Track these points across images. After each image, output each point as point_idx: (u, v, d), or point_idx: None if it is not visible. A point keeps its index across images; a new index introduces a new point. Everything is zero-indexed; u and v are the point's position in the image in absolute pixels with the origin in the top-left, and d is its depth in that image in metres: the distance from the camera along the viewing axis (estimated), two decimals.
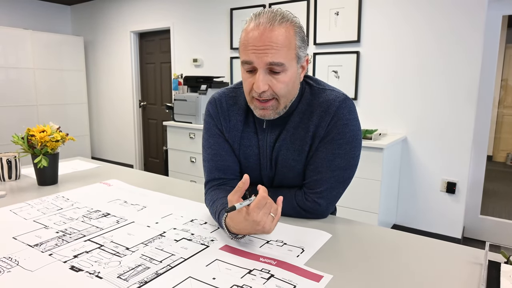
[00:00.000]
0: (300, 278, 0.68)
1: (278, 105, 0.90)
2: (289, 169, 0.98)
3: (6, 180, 1.35)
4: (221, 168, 1.01)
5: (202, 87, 3.35)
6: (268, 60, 0.82)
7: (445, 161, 2.71)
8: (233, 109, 1.01)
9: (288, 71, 0.85)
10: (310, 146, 0.95)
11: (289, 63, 0.85)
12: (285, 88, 0.87)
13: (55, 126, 1.30)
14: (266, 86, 0.85)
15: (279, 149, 0.97)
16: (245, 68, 0.88)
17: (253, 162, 1.01)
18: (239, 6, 3.65)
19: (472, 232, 2.88)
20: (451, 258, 0.77)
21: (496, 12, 2.62)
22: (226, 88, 1.06)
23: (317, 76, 3.20)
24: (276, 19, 0.82)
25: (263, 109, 0.90)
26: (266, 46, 0.81)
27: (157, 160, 4.95)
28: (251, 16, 0.86)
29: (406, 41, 2.78)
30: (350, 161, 0.94)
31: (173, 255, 0.77)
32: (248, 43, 0.84)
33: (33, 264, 0.73)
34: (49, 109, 4.89)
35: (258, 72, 0.84)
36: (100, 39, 5.19)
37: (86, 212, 1.03)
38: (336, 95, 0.93)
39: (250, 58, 0.84)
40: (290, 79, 0.87)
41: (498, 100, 3.32)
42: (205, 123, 1.05)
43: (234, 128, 1.01)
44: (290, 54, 0.84)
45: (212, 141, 1.02)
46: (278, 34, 0.82)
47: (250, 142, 1.00)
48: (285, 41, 0.83)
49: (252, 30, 0.83)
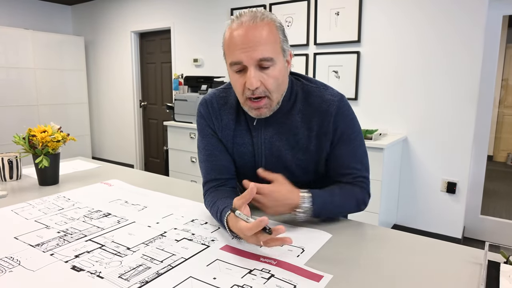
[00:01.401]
0: (300, 278, 0.69)
1: (271, 102, 0.91)
2: (295, 167, 1.00)
3: (7, 180, 1.35)
4: (217, 168, 1.02)
5: (203, 87, 3.36)
6: (258, 56, 0.84)
7: (446, 161, 2.71)
8: (224, 109, 1.02)
9: (276, 65, 0.87)
10: (316, 146, 0.97)
11: (276, 57, 0.87)
12: (276, 83, 0.88)
13: (56, 126, 1.30)
14: (259, 82, 0.86)
15: (281, 148, 0.98)
16: (234, 70, 0.88)
17: (247, 160, 1.03)
18: (239, 6, 3.65)
19: (473, 232, 2.88)
20: (450, 258, 0.78)
21: (496, 12, 2.62)
22: (216, 89, 1.07)
23: (317, 76, 3.20)
24: (257, 16, 0.85)
25: (258, 109, 0.91)
26: (254, 43, 0.83)
27: (157, 160, 4.96)
28: (232, 17, 0.88)
29: (406, 41, 2.78)
30: (364, 145, 1.02)
31: (173, 255, 0.78)
32: (235, 43, 0.85)
33: (35, 264, 0.73)
34: (49, 109, 4.90)
35: (249, 70, 0.85)
36: (101, 39, 5.20)
37: (87, 212, 1.03)
38: (332, 94, 0.97)
39: (239, 57, 0.85)
40: (279, 73, 0.88)
41: (498, 100, 3.32)
42: (198, 125, 1.06)
43: (226, 127, 1.02)
44: (276, 48, 0.86)
45: (205, 142, 1.03)
46: (262, 30, 0.84)
47: (243, 140, 1.01)
48: (270, 36, 0.85)
49: (236, 30, 0.85)
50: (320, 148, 0.97)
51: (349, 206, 0.97)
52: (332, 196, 0.93)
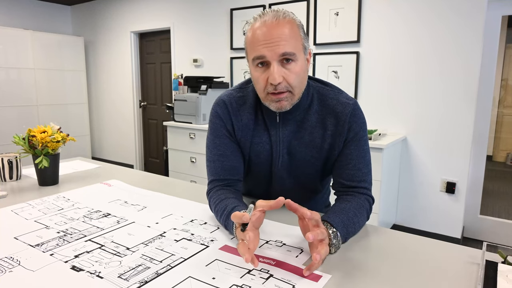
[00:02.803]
0: (299, 278, 0.69)
1: (293, 96, 0.93)
2: (308, 165, 1.03)
3: (7, 180, 1.36)
4: (227, 168, 1.03)
5: (202, 87, 3.36)
6: (280, 51, 0.85)
7: (445, 161, 2.72)
8: (244, 109, 1.03)
9: (298, 61, 0.89)
10: (330, 144, 1.00)
11: (298, 53, 0.89)
12: (298, 78, 0.90)
13: (56, 127, 1.30)
14: (281, 77, 0.88)
15: (297, 146, 1.01)
16: (256, 64, 0.90)
17: (264, 159, 1.04)
18: (239, 6, 3.65)
19: (472, 232, 2.89)
20: (448, 258, 0.78)
21: (495, 12, 2.62)
22: (231, 89, 1.08)
23: (316, 76, 3.21)
24: (280, 15, 0.87)
25: (279, 101, 0.91)
26: (277, 39, 0.85)
27: (157, 160, 4.96)
28: (255, 16, 0.90)
29: (406, 41, 2.78)
30: (370, 153, 1.04)
31: (173, 255, 0.78)
32: (258, 39, 0.87)
33: (35, 264, 0.73)
34: (49, 109, 4.90)
35: (272, 65, 0.87)
36: (101, 39, 5.20)
37: (87, 212, 1.04)
38: (347, 98, 1.01)
39: (262, 52, 0.86)
40: (301, 69, 0.90)
41: (498, 100, 3.33)
42: (212, 124, 1.06)
43: (246, 127, 1.03)
44: (298, 44, 0.89)
45: (218, 142, 1.03)
46: (284, 27, 0.86)
47: (261, 139, 1.03)
48: (292, 33, 0.87)
49: (259, 28, 0.87)
50: (332, 147, 1.00)
51: (363, 220, 0.95)
52: (349, 217, 0.88)
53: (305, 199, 1.11)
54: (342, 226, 0.83)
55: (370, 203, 0.99)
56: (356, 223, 0.89)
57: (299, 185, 1.08)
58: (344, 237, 0.84)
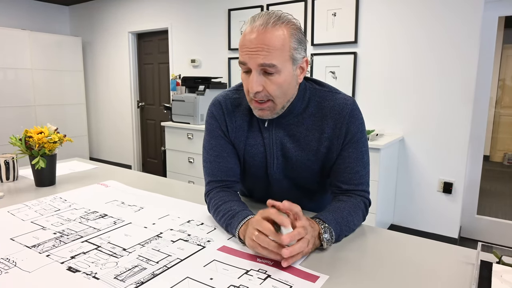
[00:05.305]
0: (297, 278, 0.69)
1: (275, 106, 0.92)
2: (304, 168, 1.01)
3: (3, 181, 1.35)
4: (224, 169, 1.02)
5: (200, 88, 3.36)
6: (259, 62, 0.84)
7: (442, 161, 2.73)
8: (238, 110, 1.03)
9: (282, 73, 0.87)
10: (327, 148, 0.98)
11: (282, 64, 0.86)
12: (279, 90, 0.88)
13: (52, 128, 1.30)
14: (260, 87, 0.87)
15: (291, 149, 0.99)
16: (242, 69, 0.90)
17: (258, 161, 1.03)
18: (237, 7, 3.66)
19: (469, 232, 2.90)
20: (444, 258, 0.78)
21: (492, 13, 2.63)
22: (228, 90, 1.07)
23: (314, 77, 3.21)
24: (270, 21, 0.84)
25: (261, 110, 0.92)
26: (258, 48, 0.84)
27: (155, 161, 4.95)
28: (249, 18, 0.89)
29: (403, 41, 2.79)
30: (368, 154, 1.02)
31: (169, 256, 0.78)
32: (244, 44, 0.86)
33: (31, 265, 0.73)
34: (47, 109, 4.89)
35: (252, 73, 0.87)
36: (98, 40, 5.19)
37: (84, 213, 1.04)
38: (345, 98, 0.98)
39: (244, 59, 0.86)
40: (284, 81, 0.88)
41: (495, 100, 3.34)
42: (208, 125, 1.06)
43: (240, 128, 1.02)
44: (283, 55, 0.86)
45: (214, 143, 1.03)
46: (270, 37, 0.83)
47: (255, 141, 1.02)
48: (278, 43, 0.84)
49: (248, 33, 0.86)
50: (330, 150, 0.98)
51: (358, 220, 0.95)
52: (343, 216, 0.89)
53: (307, 200, 1.11)
54: (335, 223, 0.84)
55: (366, 205, 0.99)
56: (350, 222, 0.89)
57: (298, 187, 1.07)
58: (337, 234, 0.84)
